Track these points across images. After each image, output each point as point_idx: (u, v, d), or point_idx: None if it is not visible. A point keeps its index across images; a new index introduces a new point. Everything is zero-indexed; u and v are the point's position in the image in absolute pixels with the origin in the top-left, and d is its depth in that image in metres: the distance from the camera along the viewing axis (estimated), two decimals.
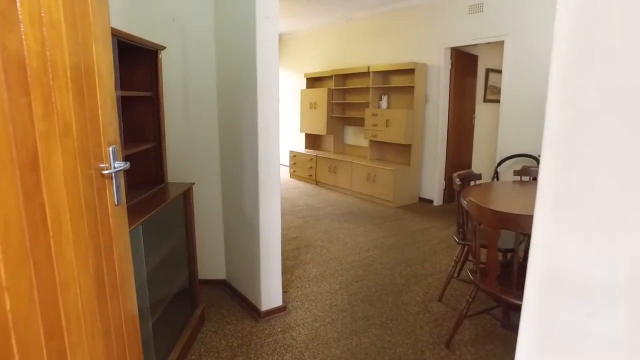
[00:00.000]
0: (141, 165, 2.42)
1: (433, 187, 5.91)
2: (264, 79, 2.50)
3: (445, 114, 5.74)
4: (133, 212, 1.93)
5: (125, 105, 2.36)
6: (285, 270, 3.57)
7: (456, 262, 3.00)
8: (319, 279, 3.39)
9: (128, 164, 1.20)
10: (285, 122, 9.15)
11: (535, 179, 3.42)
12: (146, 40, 2.17)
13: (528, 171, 3.40)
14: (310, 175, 7.28)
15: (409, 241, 4.33)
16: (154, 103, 2.37)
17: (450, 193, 6.03)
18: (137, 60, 2.33)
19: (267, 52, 2.48)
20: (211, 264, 3.22)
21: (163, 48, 2.36)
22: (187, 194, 2.51)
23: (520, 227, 1.91)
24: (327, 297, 3.09)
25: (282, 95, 9.09)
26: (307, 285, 3.28)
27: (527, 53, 4.66)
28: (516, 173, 3.39)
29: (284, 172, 8.29)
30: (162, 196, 2.28)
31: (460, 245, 2.93)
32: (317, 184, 7.21)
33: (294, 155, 7.74)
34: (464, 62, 5.87)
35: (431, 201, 5.94)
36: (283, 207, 5.58)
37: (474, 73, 6.24)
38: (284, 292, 3.16)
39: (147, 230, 1.97)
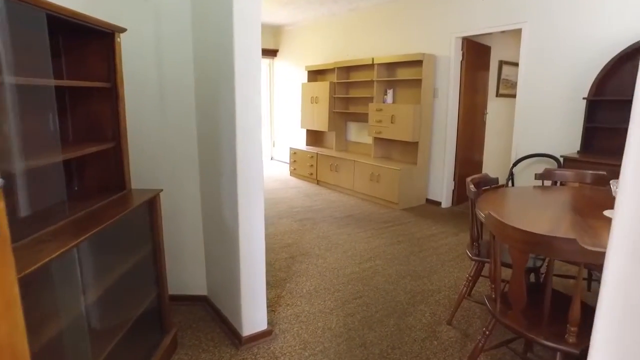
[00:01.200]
0: (97, 169, 2.05)
1: (441, 188, 5.50)
2: (243, 65, 2.12)
3: (455, 109, 5.31)
4: (77, 227, 1.57)
5: (77, 99, 1.99)
6: (276, 283, 3.20)
7: (468, 281, 2.60)
8: (313, 295, 3.01)
9: (2, 181, 0.82)
10: (286, 118, 8.76)
11: (561, 183, 3.01)
12: (97, 20, 1.79)
13: (551, 174, 2.98)
14: (311, 174, 6.89)
15: (415, 249, 3.94)
16: (112, 96, 2.00)
17: (460, 195, 5.62)
18: (90, 46, 1.95)
19: (245, 32, 2.09)
20: (190, 278, 2.85)
21: (122, 30, 1.98)
22: (153, 203, 2.14)
23: (556, 252, 1.51)
24: (320, 318, 2.71)
25: (283, 89, 8.70)
26: (298, 303, 2.90)
27: (547, 42, 4.22)
28: (538, 177, 2.98)
29: (284, 171, 7.91)
30: (120, 206, 1.91)
31: (474, 262, 2.53)
32: (318, 183, 6.82)
33: (294, 153, 7.35)
34: (475, 53, 5.43)
35: (439, 203, 5.54)
36: (280, 209, 5.23)
37: (486, 65, 5.80)
38: (272, 310, 2.79)
39: (100, 246, 1.62)
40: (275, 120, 9.21)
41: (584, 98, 3.84)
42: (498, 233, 1.73)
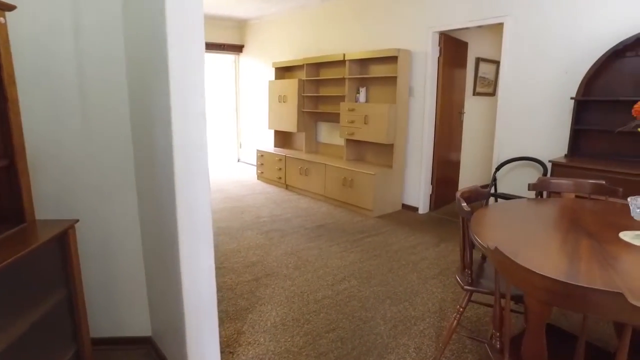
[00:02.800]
0: None
1: (418, 192, 5.16)
2: (180, 60, 1.65)
3: (433, 108, 4.97)
4: None
5: None
6: (236, 314, 2.74)
7: (459, 312, 2.23)
8: (279, 329, 2.58)
9: None
10: (253, 117, 8.26)
11: (556, 194, 2.68)
12: None
13: (546, 184, 2.65)
14: (280, 178, 6.43)
15: (394, 265, 3.56)
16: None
17: (438, 199, 5.30)
18: None
19: (182, 13, 1.63)
20: (130, 317, 2.36)
21: (9, 7, 1.48)
22: (64, 238, 1.65)
23: (595, 308, 1.13)
24: None
25: (250, 86, 8.20)
26: (261, 340, 2.46)
27: (531, 37, 3.91)
28: (532, 187, 2.64)
29: (251, 174, 7.42)
30: (18, 244, 1.43)
31: (466, 292, 2.15)
32: (287, 188, 6.37)
33: (261, 155, 6.87)
34: (453, 49, 5.11)
35: (416, 209, 5.19)
36: (245, 220, 4.75)
37: (463, 62, 5.50)
38: (229, 352, 2.34)
39: None
40: (242, 120, 8.69)
41: (572, 98, 3.55)
42: (510, 275, 1.34)
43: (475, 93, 6.02)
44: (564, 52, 3.71)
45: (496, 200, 4.21)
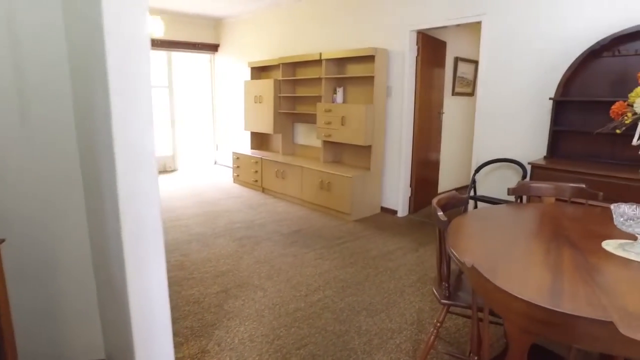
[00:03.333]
0: None
1: (397, 195, 5.04)
2: (119, 58, 1.47)
3: (411, 109, 4.86)
4: None
5: None
6: (202, 331, 2.56)
7: (436, 327, 2.09)
8: (247, 347, 2.41)
9: None
10: (230, 118, 8.05)
11: (537, 197, 2.58)
12: None
13: (526, 188, 2.55)
14: (256, 181, 6.25)
15: (370, 272, 3.42)
16: None
17: (418, 202, 5.19)
18: None
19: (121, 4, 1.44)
20: (80, 340, 2.16)
21: None
22: None
23: (582, 339, 1.00)
24: None
25: (226, 87, 7.98)
26: (227, 359, 2.29)
27: (510, 36, 3.83)
28: (511, 192, 2.53)
29: (228, 177, 7.21)
30: None
31: (444, 306, 2.02)
32: (263, 192, 6.19)
33: (237, 158, 6.67)
34: (431, 48, 5.00)
35: (395, 212, 5.08)
36: (218, 226, 4.54)
37: (442, 62, 5.40)
38: None
39: None
40: (218, 122, 8.46)
41: (550, 98, 3.47)
42: (488, 298, 1.20)
43: (454, 93, 5.94)
44: (542, 51, 3.63)
45: (476, 204, 4.12)
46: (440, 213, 1.88)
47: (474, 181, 3.98)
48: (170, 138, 7.92)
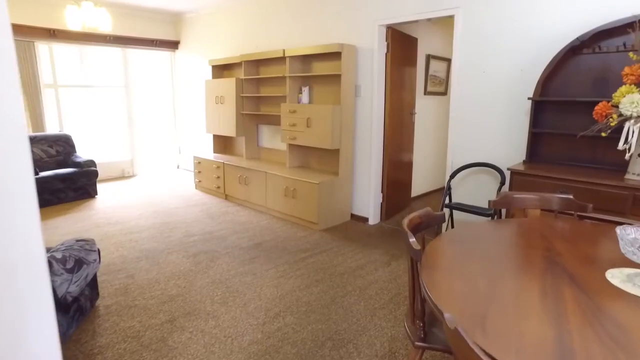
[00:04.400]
0: None
1: (368, 201, 4.72)
2: None
3: (381, 109, 4.55)
4: None
5: None
6: None
7: None
8: None
9: None
10: (193, 120, 7.58)
11: (509, 213, 2.29)
12: None
13: (509, 200, 2.25)
14: (218, 187, 5.82)
15: (338, 293, 3.08)
16: None
17: (390, 208, 4.89)
18: None
19: None
20: None
21: None
22: None
23: None
24: None
25: (188, 86, 7.50)
26: None
27: (485, 31, 3.56)
28: (493, 205, 2.23)
29: (190, 182, 6.74)
30: None
31: (418, 350, 1.69)
32: (226, 199, 5.77)
33: (198, 162, 6.22)
34: (402, 45, 4.71)
35: (366, 219, 4.76)
36: (172, 239, 4.08)
37: (413, 60, 5.12)
38: None
39: None
40: (180, 124, 7.96)
41: (529, 98, 3.21)
42: None
43: (426, 92, 5.68)
44: (519, 47, 3.37)
45: (451, 213, 3.83)
46: (412, 240, 1.54)
47: (449, 187, 3.70)
48: (128, 141, 7.38)
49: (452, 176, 3.74)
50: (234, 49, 6.19)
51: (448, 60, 5.95)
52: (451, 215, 3.83)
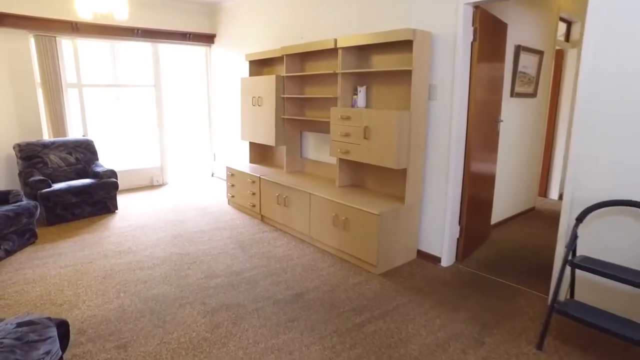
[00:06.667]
0: None
1: (440, 235, 3.62)
2: None
3: (463, 117, 3.44)
4: None
5: None
6: None
7: None
8: None
9: None
10: (228, 124, 6.73)
11: None
12: None
13: None
14: (253, 206, 4.90)
15: None
16: None
17: (468, 244, 3.77)
18: None
19: None
20: None
21: None
22: None
23: None
24: None
25: (224, 85, 6.67)
26: None
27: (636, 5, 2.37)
28: None
29: (223, 196, 5.89)
30: None
31: None
32: (262, 220, 4.85)
33: (231, 174, 5.34)
34: (491, 31, 3.57)
35: (437, 259, 3.66)
36: (189, 282, 2.96)
37: (502, 51, 3.96)
38: None
39: None
40: (216, 127, 7.15)
41: None
42: None
43: (513, 94, 4.48)
44: None
45: (573, 275, 2.66)
46: None
47: (575, 236, 2.52)
48: (158, 146, 6.64)
49: (580, 218, 2.56)
50: (276, 41, 5.24)
51: (540, 53, 4.71)
52: (572, 277, 2.66)
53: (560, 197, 5.98)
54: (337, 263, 3.65)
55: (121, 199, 5.65)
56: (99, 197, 4.94)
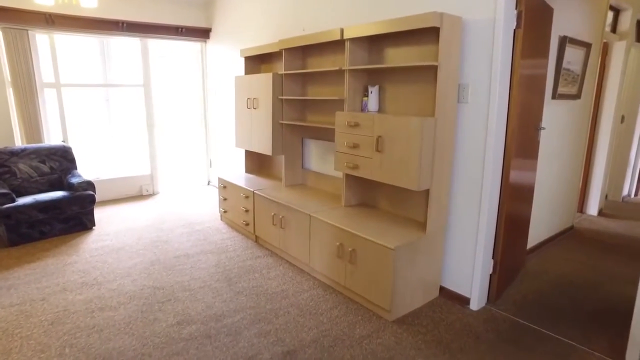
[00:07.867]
0: None
1: (469, 269, 2.92)
2: None
3: (502, 124, 2.73)
4: None
5: None
6: None
7: None
8: None
9: None
10: (224, 128, 6.09)
11: None
12: None
13: None
14: (247, 224, 4.24)
15: None
16: None
17: (503, 279, 3.06)
18: None
19: None
20: None
21: None
22: None
23: None
24: None
25: (221, 84, 6.02)
26: None
27: None
28: None
29: (214, 210, 5.24)
30: None
31: None
32: (256, 241, 4.18)
33: (223, 187, 4.68)
34: (536, 18, 2.86)
35: (466, 300, 2.95)
36: (156, 330, 2.20)
37: (546, 43, 3.24)
38: None
39: None
40: (212, 132, 6.50)
41: None
42: None
43: (555, 95, 3.75)
44: None
45: None
46: None
47: None
48: (148, 152, 6.02)
49: None
50: (277, 34, 4.57)
51: (587, 46, 3.97)
52: None
53: (601, 212, 5.22)
54: (341, 304, 2.96)
55: (102, 212, 5.04)
56: (72, 213, 4.32)
